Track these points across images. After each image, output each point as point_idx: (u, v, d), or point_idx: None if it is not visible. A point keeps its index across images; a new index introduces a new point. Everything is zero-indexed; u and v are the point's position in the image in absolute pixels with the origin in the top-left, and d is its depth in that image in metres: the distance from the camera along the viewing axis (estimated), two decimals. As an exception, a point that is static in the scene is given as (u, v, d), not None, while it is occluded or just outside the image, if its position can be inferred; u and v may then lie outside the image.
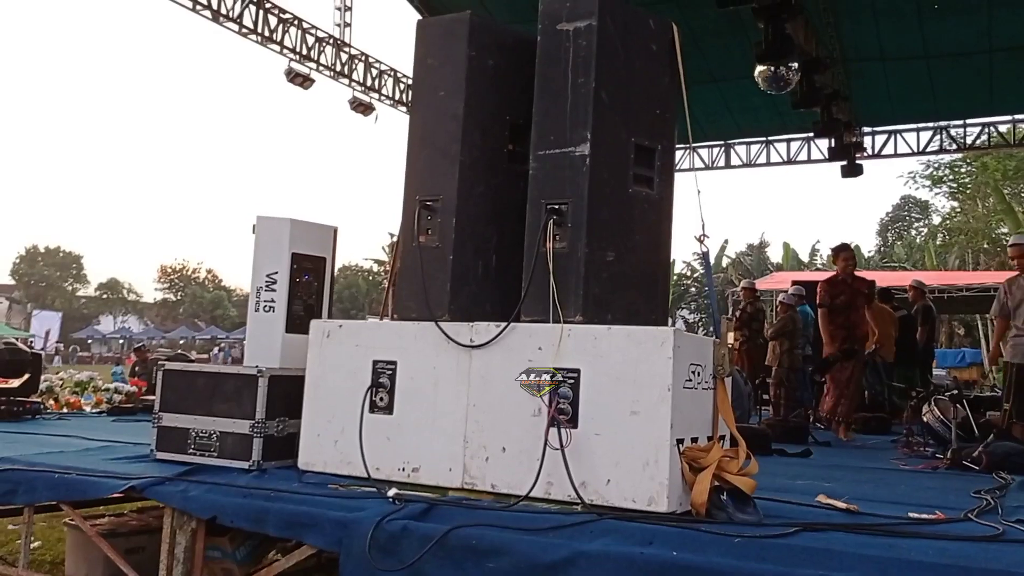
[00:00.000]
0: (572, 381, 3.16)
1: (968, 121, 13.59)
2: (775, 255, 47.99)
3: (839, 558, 2.50)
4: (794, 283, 12.45)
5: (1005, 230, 29.57)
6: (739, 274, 40.10)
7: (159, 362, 4.32)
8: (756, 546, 2.61)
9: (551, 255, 3.30)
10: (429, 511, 3.06)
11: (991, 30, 10.57)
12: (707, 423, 3.30)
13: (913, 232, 51.94)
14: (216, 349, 49.18)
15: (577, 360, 3.17)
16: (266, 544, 3.68)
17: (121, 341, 62.83)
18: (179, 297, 73.05)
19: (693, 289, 51.20)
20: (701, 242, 3.50)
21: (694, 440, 3.17)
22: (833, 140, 11.87)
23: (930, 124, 13.67)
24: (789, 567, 2.46)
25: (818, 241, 59.24)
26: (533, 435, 3.16)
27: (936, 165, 36.61)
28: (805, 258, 45.03)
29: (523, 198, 3.50)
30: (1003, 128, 13.66)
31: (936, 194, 42.17)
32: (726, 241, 51.48)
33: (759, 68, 9.04)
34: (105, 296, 72.95)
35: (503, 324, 3.32)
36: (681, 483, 3.03)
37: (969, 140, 13.78)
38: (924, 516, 3.17)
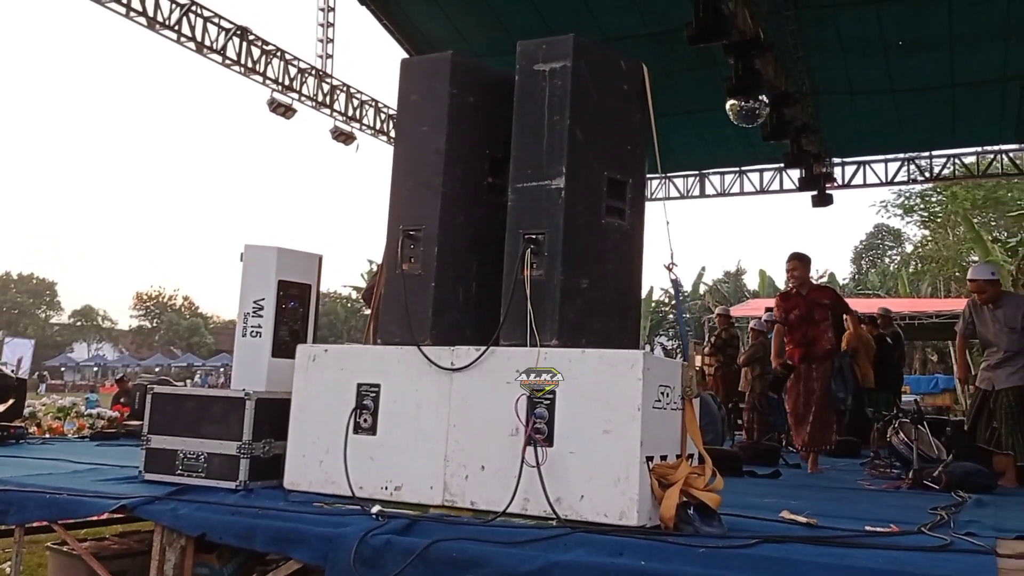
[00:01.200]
0: (548, 402, 3.33)
1: (934, 153, 14.00)
2: (752, 282, 48.50)
3: (796, 566, 2.67)
4: (767, 310, 12.72)
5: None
6: (716, 301, 40.49)
7: (148, 386, 4.44)
8: (720, 556, 2.78)
9: (528, 282, 3.48)
10: (411, 526, 3.20)
11: (953, 66, 10.96)
12: (676, 442, 3.47)
13: (887, 260, 52.70)
14: (197, 376, 48.76)
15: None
16: (252, 562, 3.79)
17: (95, 369, 62.15)
18: (155, 324, 72.47)
19: (671, 316, 51.56)
20: (670, 269, 3.69)
21: (663, 457, 3.34)
22: (803, 171, 12.20)
23: (898, 156, 14.06)
24: (750, 574, 2.63)
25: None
26: (511, 454, 3.32)
27: (907, 194, 37.39)
28: (781, 285, 45.45)
29: (502, 228, 3.68)
30: (968, 160, 14.08)
31: (907, 223, 42.96)
32: (703, 268, 52.05)
33: (730, 102, 9.33)
34: (79, 323, 72.24)
35: (483, 348, 3.49)
36: (651, 498, 3.19)
37: (935, 171, 14.18)
38: (880, 529, 3.36)
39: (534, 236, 3.53)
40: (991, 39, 10.40)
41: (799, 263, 7.24)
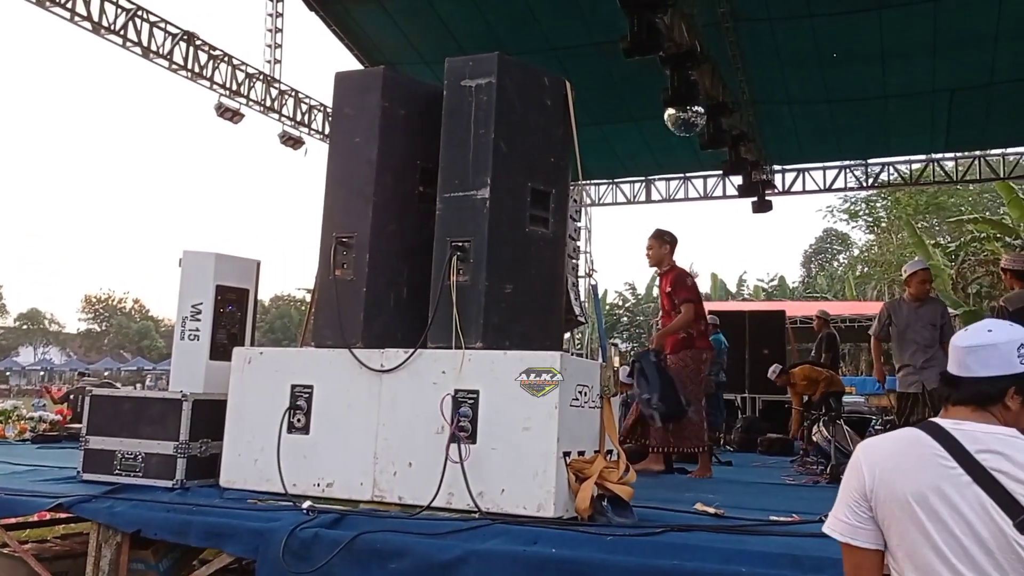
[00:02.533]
0: (472, 401, 3.51)
1: (870, 160, 14.47)
2: (704, 285, 49.22)
3: (693, 551, 2.89)
4: (709, 312, 13.04)
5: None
6: (668, 304, 40.98)
7: (86, 389, 4.52)
8: (625, 543, 2.98)
9: (455, 288, 3.67)
10: (340, 520, 3.36)
11: (885, 78, 11.38)
12: (594, 438, 3.68)
13: (836, 264, 53.77)
14: (149, 380, 47.90)
15: (476, 382, 3.53)
16: (188, 556, 3.91)
17: (42, 373, 60.85)
18: (104, 328, 71.22)
19: (625, 319, 52.09)
20: (590, 276, 3.90)
21: (581, 453, 3.54)
22: (742, 178, 12.57)
23: (835, 163, 14.51)
24: (649, 558, 2.84)
25: (745, 272, 61.08)
26: (437, 451, 3.49)
27: (853, 200, 38.32)
28: (733, 288, 46.28)
29: (432, 236, 3.85)
30: (901, 167, 14.58)
31: (853, 227, 44.01)
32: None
33: (668, 111, 9.61)
34: (25, 327, 70.71)
35: (411, 350, 3.67)
36: (567, 491, 3.40)
37: (871, 179, 14.67)
38: (782, 519, 3.60)
39: (460, 244, 3.72)
40: (920, 53, 10.82)
41: (653, 241, 6.44)
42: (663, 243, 6.43)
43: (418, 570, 3.02)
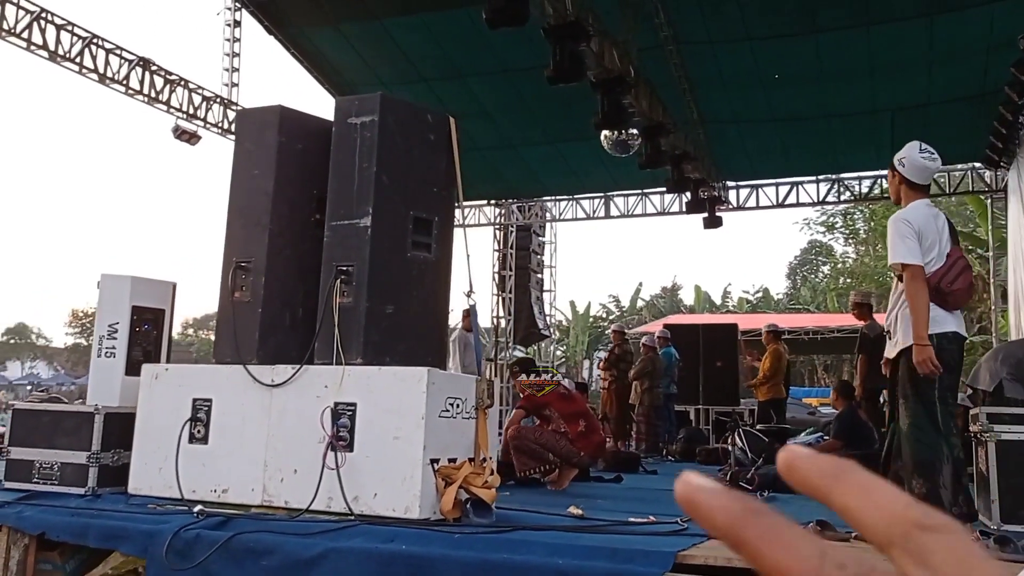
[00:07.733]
0: (351, 412, 3.84)
1: (820, 176, 14.86)
2: (688, 297, 49.60)
3: (528, 546, 3.21)
4: (665, 326, 13.41)
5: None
6: (652, 316, 41.36)
7: (9, 403, 4.83)
8: (469, 540, 3.31)
9: (337, 309, 4.00)
10: (225, 523, 3.67)
11: (826, 98, 11.78)
12: (468, 446, 4.01)
13: (820, 275, 54.11)
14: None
15: (355, 395, 3.85)
16: (95, 558, 4.20)
17: (28, 387, 60.77)
18: (91, 342, 71.11)
19: (607, 333, 52.37)
20: (468, 296, 4.24)
21: (452, 460, 3.87)
22: (689, 194, 12.95)
23: (787, 179, 14.90)
24: (485, 552, 3.17)
25: (730, 284, 61.38)
26: (319, 459, 3.82)
27: (830, 212, 38.73)
28: (718, 300, 46.62)
29: (327, 260, 4.18)
30: (852, 183, 14.98)
31: (829, 239, 44.40)
32: (640, 284, 53.10)
33: (603, 133, 9.97)
34: (12, 341, 70.64)
35: (298, 367, 3.99)
36: (435, 494, 3.72)
37: (822, 195, 15.06)
38: (639, 520, 3.92)
39: (344, 268, 4.05)
40: (859, 75, 11.22)
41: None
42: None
43: (284, 566, 3.34)
